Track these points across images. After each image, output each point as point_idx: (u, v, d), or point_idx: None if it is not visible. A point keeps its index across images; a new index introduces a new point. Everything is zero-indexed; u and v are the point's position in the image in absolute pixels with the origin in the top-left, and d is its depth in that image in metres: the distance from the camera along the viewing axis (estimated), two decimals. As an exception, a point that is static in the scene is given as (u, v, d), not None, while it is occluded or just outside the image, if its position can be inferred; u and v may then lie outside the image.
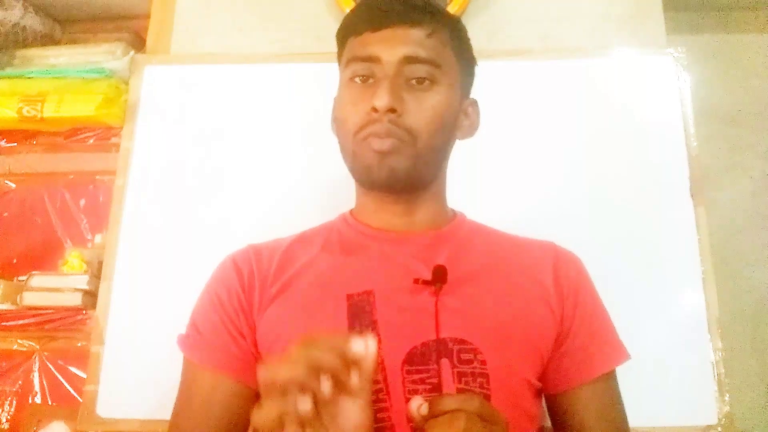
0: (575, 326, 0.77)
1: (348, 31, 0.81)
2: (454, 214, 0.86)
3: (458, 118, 0.82)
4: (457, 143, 0.85)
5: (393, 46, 0.76)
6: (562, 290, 0.78)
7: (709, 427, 1.09)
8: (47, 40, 1.53)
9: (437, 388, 0.67)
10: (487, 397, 0.69)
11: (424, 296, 0.72)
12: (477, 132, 0.86)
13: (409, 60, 0.75)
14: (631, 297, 1.13)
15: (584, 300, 0.79)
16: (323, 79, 0.95)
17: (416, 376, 0.68)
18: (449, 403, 0.57)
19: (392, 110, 0.73)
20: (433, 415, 0.57)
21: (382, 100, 0.72)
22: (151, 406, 1.10)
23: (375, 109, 0.73)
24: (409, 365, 0.69)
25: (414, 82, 0.76)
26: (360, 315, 0.71)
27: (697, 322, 1.14)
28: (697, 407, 1.10)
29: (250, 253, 0.81)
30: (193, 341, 0.77)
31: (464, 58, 0.82)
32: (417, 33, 0.76)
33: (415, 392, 0.67)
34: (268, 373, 0.51)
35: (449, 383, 0.68)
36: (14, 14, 1.44)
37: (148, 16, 1.43)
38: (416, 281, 0.73)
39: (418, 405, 0.58)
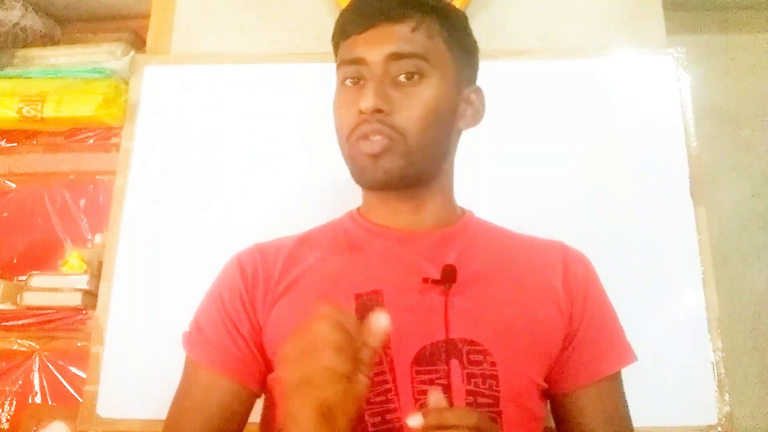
0: (583, 327, 0.77)
1: (338, 35, 0.81)
2: (463, 212, 0.85)
3: (458, 108, 0.80)
4: (459, 142, 0.84)
5: (377, 45, 0.75)
6: (571, 291, 0.78)
7: (709, 427, 1.09)
8: (47, 40, 1.53)
9: (447, 390, 0.67)
10: (497, 399, 0.68)
11: (433, 296, 0.72)
12: (482, 120, 0.84)
13: (394, 57, 0.75)
14: (631, 297, 1.12)
15: (593, 301, 0.79)
16: (323, 79, 0.95)
17: (425, 377, 0.68)
18: (448, 417, 0.57)
19: (379, 111, 0.73)
20: (431, 427, 0.56)
21: (367, 101, 0.72)
22: (151, 406, 1.10)
23: (362, 111, 0.73)
24: (418, 366, 0.68)
25: (403, 78, 0.75)
26: (368, 315, 0.71)
27: (697, 322, 1.14)
28: (697, 407, 1.10)
29: (255, 253, 0.80)
30: (195, 339, 0.77)
31: (459, 46, 0.81)
32: (401, 29, 0.76)
33: (424, 393, 0.66)
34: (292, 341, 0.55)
35: (459, 384, 0.68)
36: (14, 14, 1.44)
37: (148, 16, 1.43)
38: (425, 281, 0.72)
39: (436, 398, 0.58)
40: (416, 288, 0.73)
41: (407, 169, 0.75)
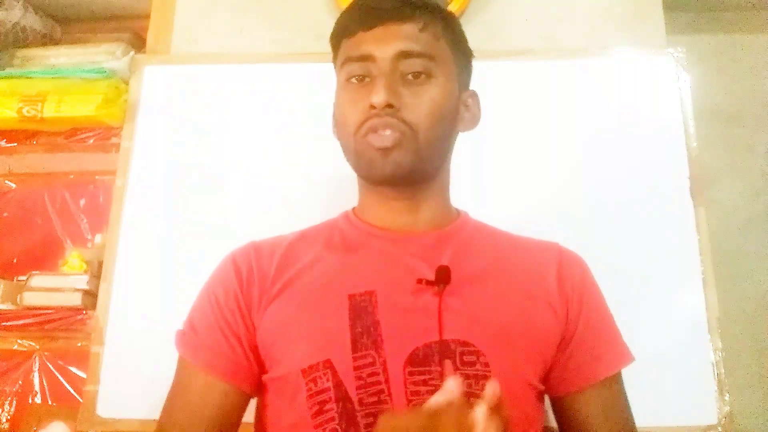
0: (580, 329, 0.77)
1: (341, 33, 0.81)
2: (458, 213, 0.85)
3: (458, 111, 0.81)
4: (458, 142, 0.84)
5: (386, 43, 0.76)
6: (566, 293, 0.77)
7: (709, 427, 1.09)
8: (47, 40, 1.53)
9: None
10: None
11: (426, 297, 0.72)
12: (479, 124, 0.86)
13: (403, 55, 0.75)
14: (631, 297, 1.13)
15: (589, 302, 0.79)
16: (323, 79, 0.95)
17: (418, 378, 0.68)
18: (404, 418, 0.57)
19: (390, 105, 0.73)
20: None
21: (379, 96, 0.72)
22: (151, 406, 1.09)
23: (373, 106, 0.73)
24: (411, 366, 0.68)
25: (410, 76, 0.76)
26: (362, 315, 0.71)
27: (697, 322, 1.14)
28: (697, 407, 1.10)
29: (250, 251, 0.80)
30: (188, 339, 0.77)
31: (459, 50, 0.82)
32: (409, 28, 0.76)
33: (417, 394, 0.67)
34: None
35: None
36: (14, 14, 1.44)
37: (148, 16, 1.43)
38: (419, 281, 0.72)
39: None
40: (410, 289, 0.73)
41: (416, 164, 0.75)
